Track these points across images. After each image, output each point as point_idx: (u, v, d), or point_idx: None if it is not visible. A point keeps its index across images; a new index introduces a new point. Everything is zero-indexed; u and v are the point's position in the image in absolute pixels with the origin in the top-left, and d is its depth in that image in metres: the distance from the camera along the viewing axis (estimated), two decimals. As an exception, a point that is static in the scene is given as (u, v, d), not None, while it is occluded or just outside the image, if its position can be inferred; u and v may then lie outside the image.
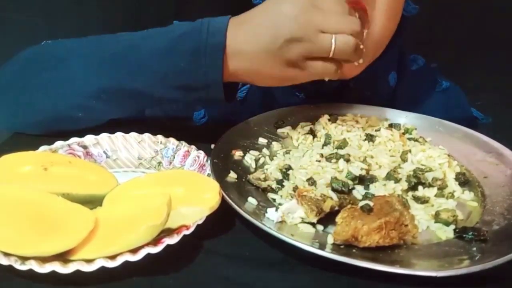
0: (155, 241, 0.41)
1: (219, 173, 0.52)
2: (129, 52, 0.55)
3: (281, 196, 0.51)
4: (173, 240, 0.41)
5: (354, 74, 0.60)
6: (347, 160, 0.54)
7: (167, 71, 0.53)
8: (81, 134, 0.56)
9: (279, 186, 0.52)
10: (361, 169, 0.53)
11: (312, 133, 0.63)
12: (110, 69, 0.55)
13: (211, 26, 0.52)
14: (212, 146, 0.57)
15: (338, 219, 0.43)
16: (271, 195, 0.51)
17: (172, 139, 0.57)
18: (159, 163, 0.56)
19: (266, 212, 0.47)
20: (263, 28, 0.51)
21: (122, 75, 0.55)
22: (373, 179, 0.52)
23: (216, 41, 0.51)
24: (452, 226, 0.46)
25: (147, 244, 0.40)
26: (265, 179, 0.53)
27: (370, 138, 0.61)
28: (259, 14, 0.52)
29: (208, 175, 0.51)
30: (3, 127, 0.63)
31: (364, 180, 0.52)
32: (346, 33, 0.50)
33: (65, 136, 0.56)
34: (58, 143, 0.55)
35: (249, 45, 0.52)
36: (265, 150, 0.60)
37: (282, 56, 0.51)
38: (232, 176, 0.53)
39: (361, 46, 0.53)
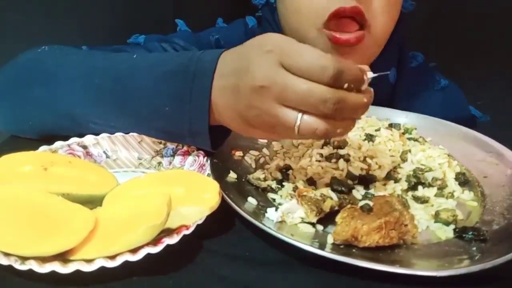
0: (155, 241, 0.41)
1: (219, 173, 0.52)
2: (115, 86, 0.52)
3: (281, 196, 0.51)
4: (173, 240, 0.41)
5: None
6: (347, 160, 0.55)
7: (151, 112, 0.51)
8: (81, 134, 0.56)
9: (279, 186, 0.52)
10: (361, 169, 0.53)
11: (312, 133, 0.63)
12: (96, 100, 0.53)
13: (198, 67, 0.48)
14: (212, 146, 0.57)
15: (338, 219, 0.43)
16: (271, 195, 0.51)
17: (172, 139, 0.57)
18: (159, 163, 0.56)
19: (266, 212, 0.47)
20: (233, 83, 0.45)
21: (108, 109, 0.53)
22: (373, 179, 0.52)
23: (202, 87, 0.47)
24: (452, 226, 0.46)
25: (147, 244, 0.40)
26: (265, 179, 0.53)
27: (370, 138, 0.61)
28: (236, 61, 0.46)
29: (208, 175, 0.51)
30: (1, 129, 0.63)
31: (364, 180, 0.52)
32: (313, 111, 0.41)
33: (65, 136, 0.56)
34: (58, 143, 0.55)
35: (220, 97, 0.46)
36: (265, 150, 0.60)
37: (245, 119, 0.45)
38: (232, 176, 0.53)
39: (364, 100, 0.43)
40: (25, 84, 0.58)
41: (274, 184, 0.52)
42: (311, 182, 0.52)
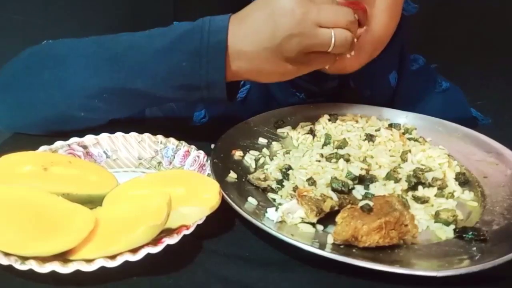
0: (155, 241, 0.41)
1: (219, 173, 0.52)
2: (130, 52, 0.55)
3: (281, 196, 0.51)
4: (173, 240, 0.41)
5: (354, 69, 0.61)
6: (347, 160, 0.54)
7: (168, 71, 0.53)
8: (81, 134, 0.56)
9: (279, 186, 0.52)
10: (361, 169, 0.53)
11: (312, 133, 0.63)
12: (111, 70, 0.55)
13: (212, 25, 0.52)
14: (212, 146, 0.57)
15: (338, 219, 0.43)
16: (271, 195, 0.51)
17: (172, 139, 0.57)
18: (159, 163, 0.56)
19: (266, 212, 0.47)
20: (261, 25, 0.51)
21: (123, 76, 0.55)
22: (373, 179, 0.52)
23: (217, 41, 0.51)
24: (452, 226, 0.46)
25: (147, 244, 0.40)
26: (265, 179, 0.53)
27: (370, 138, 0.61)
28: (258, 10, 0.52)
29: (208, 175, 0.51)
30: (4, 127, 0.63)
31: (364, 180, 0.52)
32: (343, 26, 0.51)
33: (65, 136, 0.56)
34: (58, 143, 0.55)
35: (248, 43, 0.52)
36: (265, 150, 0.60)
37: (281, 53, 0.51)
38: (232, 176, 0.53)
39: (355, 40, 0.54)
40: (32, 73, 0.59)
41: (274, 184, 0.52)
42: (311, 182, 0.52)
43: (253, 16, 0.52)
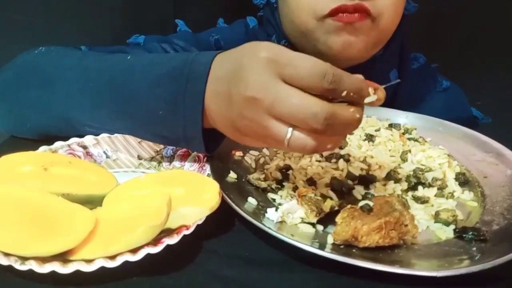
0: (155, 241, 0.41)
1: (219, 173, 0.52)
2: (110, 90, 0.51)
3: (281, 196, 0.51)
4: (173, 240, 0.41)
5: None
6: (347, 160, 0.55)
7: (145, 117, 0.50)
8: (81, 134, 0.56)
9: (279, 186, 0.52)
10: (361, 169, 0.53)
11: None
12: (91, 104, 0.53)
13: (193, 68, 0.47)
14: (212, 146, 0.57)
15: (338, 219, 0.43)
16: (271, 195, 0.51)
17: (172, 139, 0.57)
18: (159, 163, 0.56)
19: (266, 212, 0.47)
20: (224, 86, 0.44)
21: (103, 113, 0.53)
22: (373, 179, 0.52)
23: (195, 91, 0.46)
24: (452, 226, 0.46)
25: (147, 244, 0.40)
26: (265, 179, 0.53)
27: (370, 138, 0.61)
28: (231, 65, 0.44)
29: (208, 175, 0.51)
30: (2, 130, 0.63)
31: (364, 180, 0.52)
32: (303, 127, 0.40)
33: (65, 136, 0.56)
34: (58, 143, 0.55)
35: (213, 102, 0.46)
36: (265, 150, 0.60)
37: (237, 129, 0.45)
38: (232, 176, 0.53)
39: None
40: (22, 86, 0.58)
41: (274, 184, 0.52)
42: (311, 182, 0.52)
43: (224, 72, 0.44)
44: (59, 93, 0.55)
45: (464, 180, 0.54)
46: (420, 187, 0.52)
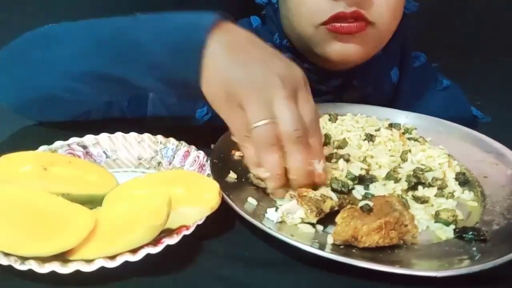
0: (155, 241, 0.41)
1: (219, 173, 0.51)
2: (116, 38, 0.54)
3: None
4: (173, 240, 0.41)
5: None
6: (347, 160, 0.54)
7: (150, 62, 0.52)
8: (81, 134, 0.56)
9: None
10: (361, 169, 0.53)
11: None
12: (96, 54, 0.55)
13: (200, 22, 0.49)
14: (212, 146, 0.57)
15: (338, 219, 0.43)
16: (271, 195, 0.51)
17: (172, 139, 0.57)
18: (159, 163, 0.56)
19: (266, 212, 0.47)
20: (232, 61, 0.47)
21: (107, 61, 0.54)
22: (373, 179, 0.52)
23: (198, 38, 0.48)
24: (452, 226, 0.46)
25: (147, 244, 0.40)
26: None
27: (370, 138, 0.61)
28: (247, 48, 0.48)
29: (208, 175, 0.51)
30: (4, 101, 0.64)
31: (364, 180, 0.52)
32: (280, 125, 0.45)
33: (65, 136, 0.56)
34: (58, 143, 0.55)
35: (214, 63, 0.47)
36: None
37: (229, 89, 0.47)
38: (232, 176, 0.53)
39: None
40: (29, 50, 0.60)
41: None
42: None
43: (242, 56, 0.47)
44: (66, 49, 0.56)
45: (464, 180, 0.54)
46: (420, 187, 0.52)
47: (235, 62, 0.47)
